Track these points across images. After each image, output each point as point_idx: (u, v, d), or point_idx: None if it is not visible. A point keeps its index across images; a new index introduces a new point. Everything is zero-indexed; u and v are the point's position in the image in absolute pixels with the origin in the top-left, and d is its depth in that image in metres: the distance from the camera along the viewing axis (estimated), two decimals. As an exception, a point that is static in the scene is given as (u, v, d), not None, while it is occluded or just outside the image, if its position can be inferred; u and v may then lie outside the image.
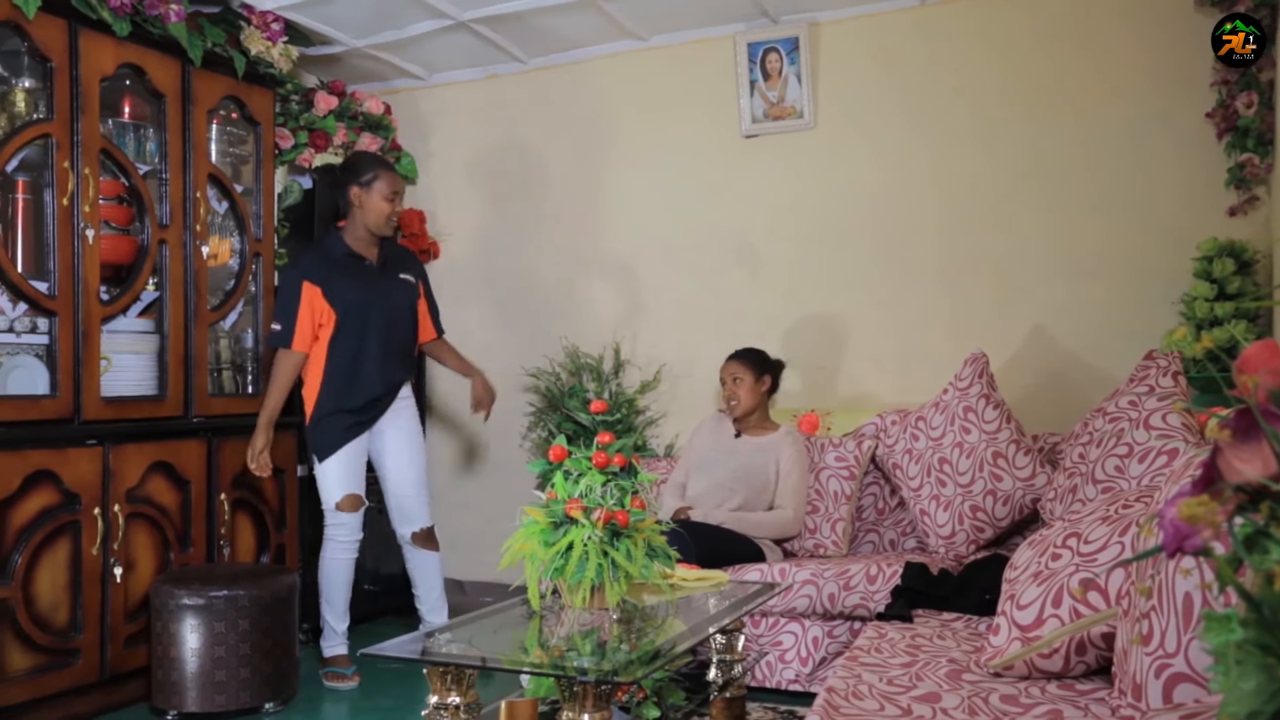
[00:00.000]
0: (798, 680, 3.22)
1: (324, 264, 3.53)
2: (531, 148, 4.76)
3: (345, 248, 3.56)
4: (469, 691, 1.95)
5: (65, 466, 3.09)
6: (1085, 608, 1.79)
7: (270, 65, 3.89)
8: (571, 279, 4.68)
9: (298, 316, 3.46)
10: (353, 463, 3.57)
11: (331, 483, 3.55)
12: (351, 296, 3.51)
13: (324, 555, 3.61)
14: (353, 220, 3.57)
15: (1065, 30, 3.85)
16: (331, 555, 3.59)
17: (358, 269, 3.56)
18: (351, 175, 3.54)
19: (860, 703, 1.82)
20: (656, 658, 1.94)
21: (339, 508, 3.55)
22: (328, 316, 3.49)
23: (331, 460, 3.53)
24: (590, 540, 2.14)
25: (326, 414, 3.51)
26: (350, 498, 3.56)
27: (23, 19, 3.02)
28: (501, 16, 4.15)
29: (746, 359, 3.69)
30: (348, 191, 3.54)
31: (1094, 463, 2.83)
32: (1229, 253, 3.45)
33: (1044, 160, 3.88)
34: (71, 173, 3.19)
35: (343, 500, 3.55)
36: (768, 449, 3.58)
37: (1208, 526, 0.73)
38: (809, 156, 4.24)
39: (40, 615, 3.02)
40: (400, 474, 3.66)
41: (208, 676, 3.05)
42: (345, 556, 3.59)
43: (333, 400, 3.51)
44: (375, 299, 3.55)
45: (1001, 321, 3.92)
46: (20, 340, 3.17)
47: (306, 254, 3.64)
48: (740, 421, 3.68)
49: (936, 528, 3.44)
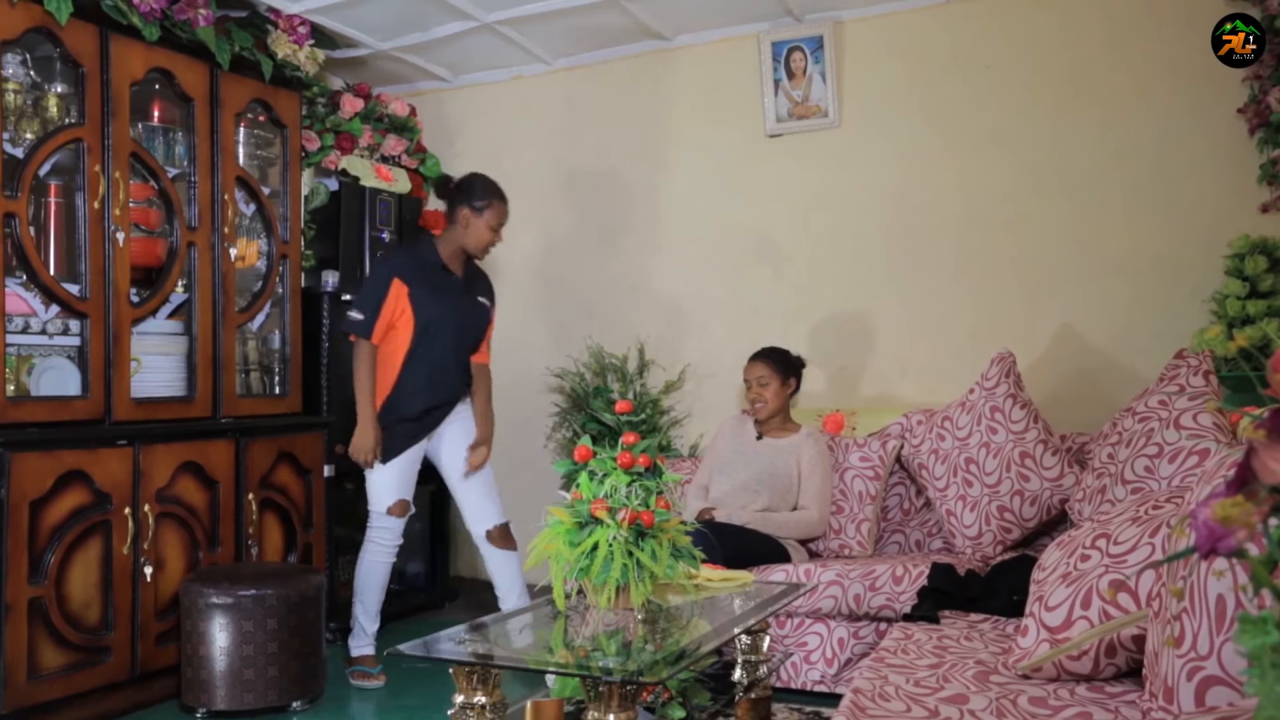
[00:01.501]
0: (823, 681, 3.21)
1: (417, 267, 3.56)
2: (556, 149, 4.77)
3: (437, 257, 3.59)
4: (495, 691, 1.96)
5: (96, 467, 3.13)
6: (1115, 609, 1.78)
7: (297, 68, 3.92)
8: (596, 279, 4.68)
9: (381, 309, 3.49)
10: (407, 469, 3.59)
11: (385, 487, 3.57)
12: (434, 309, 3.53)
13: (364, 556, 3.63)
14: (451, 234, 3.59)
15: (1092, 27, 3.82)
16: (372, 557, 3.61)
17: (444, 281, 3.59)
18: (466, 196, 3.55)
19: (887, 704, 1.82)
20: (681, 658, 1.94)
21: (389, 513, 3.57)
22: (405, 319, 3.51)
23: (389, 465, 3.55)
24: (615, 540, 2.14)
25: (391, 421, 3.54)
26: (400, 503, 3.58)
27: (55, 25, 3.07)
28: (526, 18, 4.17)
29: (772, 361, 3.65)
30: (458, 209, 3.56)
31: (1123, 463, 2.80)
32: (1261, 250, 3.41)
33: (1071, 158, 3.85)
34: (102, 176, 3.23)
35: (394, 506, 3.57)
36: (789, 450, 3.57)
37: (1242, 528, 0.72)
38: (833, 155, 4.23)
39: (72, 613, 3.06)
40: (462, 472, 3.67)
41: (236, 675, 3.07)
42: (385, 559, 3.62)
43: (399, 408, 3.53)
44: (454, 314, 3.58)
45: (1028, 321, 3.89)
46: (52, 342, 3.21)
47: (401, 252, 3.72)
48: (762, 423, 3.67)
49: (963, 528, 3.42)
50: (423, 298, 3.52)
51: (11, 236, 3.04)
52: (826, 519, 3.53)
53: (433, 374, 3.54)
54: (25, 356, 3.18)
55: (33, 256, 3.08)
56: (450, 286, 3.60)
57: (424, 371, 3.53)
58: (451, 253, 3.61)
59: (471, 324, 3.66)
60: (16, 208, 3.03)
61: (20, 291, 3.11)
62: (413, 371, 3.53)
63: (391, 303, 3.50)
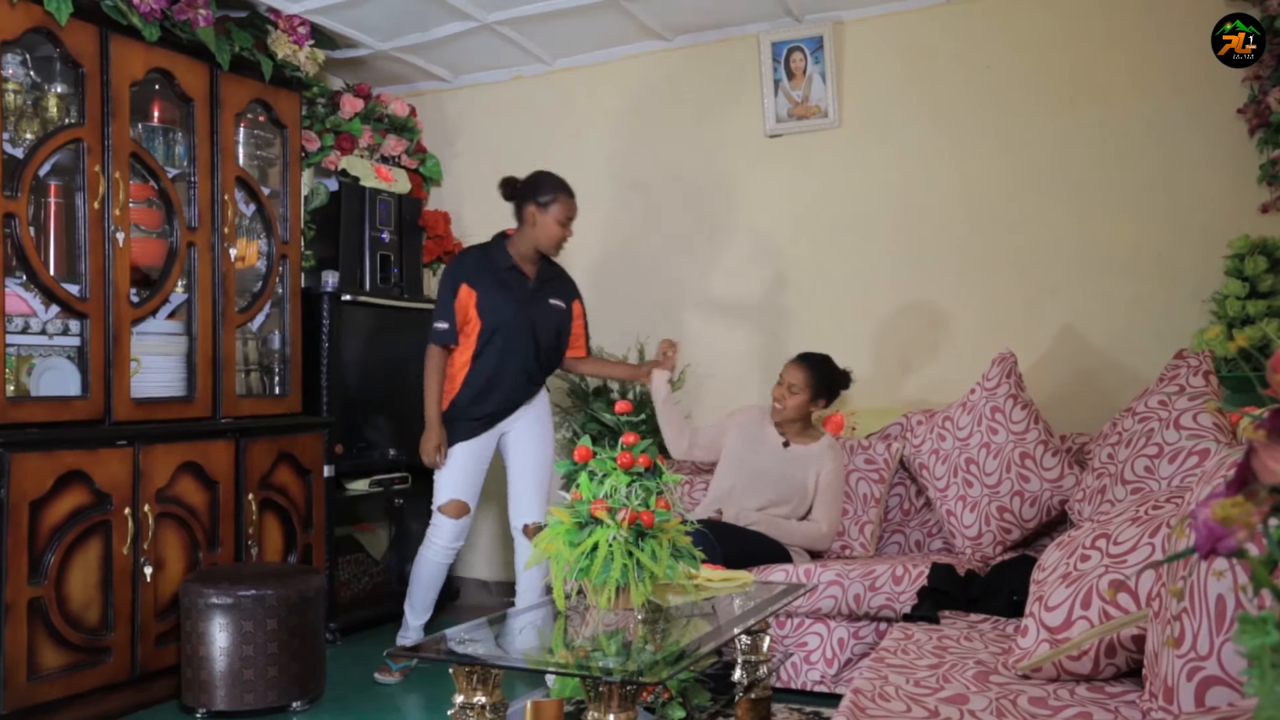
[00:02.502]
0: (823, 681, 3.21)
1: (485, 270, 3.55)
2: (556, 149, 4.77)
3: (509, 259, 3.57)
4: (495, 691, 1.96)
5: (96, 467, 3.13)
6: (1115, 609, 1.78)
7: (297, 69, 3.92)
8: (596, 279, 4.68)
9: (455, 314, 3.51)
10: (468, 470, 3.58)
11: (445, 482, 3.58)
12: (503, 313, 3.52)
13: (420, 552, 3.64)
14: (521, 235, 3.58)
15: (1092, 27, 3.82)
16: (426, 556, 3.62)
17: (515, 283, 3.57)
18: (531, 193, 3.54)
19: (887, 704, 1.81)
20: (681, 658, 1.94)
21: (441, 510, 3.57)
22: (473, 324, 3.53)
23: (449, 463, 3.55)
24: (615, 541, 2.14)
25: (455, 418, 3.55)
26: (455, 503, 3.57)
27: (55, 25, 3.07)
28: (526, 18, 4.16)
29: (812, 374, 3.53)
30: (524, 207, 3.55)
31: (1123, 463, 2.80)
32: (1261, 250, 3.41)
33: (1071, 158, 3.85)
34: (102, 177, 3.23)
35: (447, 504, 3.57)
36: (809, 460, 3.52)
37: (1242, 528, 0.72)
38: (833, 155, 4.23)
39: (72, 614, 3.05)
40: (520, 464, 3.66)
41: (236, 675, 3.07)
42: (439, 560, 3.61)
43: (465, 408, 3.55)
44: (524, 318, 3.56)
45: (1029, 321, 3.89)
46: (52, 342, 3.21)
47: (469, 255, 3.65)
48: (784, 427, 3.60)
49: (963, 529, 3.42)
50: (489, 302, 3.52)
51: (11, 237, 3.04)
52: (834, 536, 3.51)
53: (493, 378, 3.54)
54: (25, 357, 3.18)
55: (33, 257, 3.08)
56: (521, 290, 3.58)
57: (484, 375, 3.53)
58: (523, 254, 3.58)
59: (546, 326, 3.63)
60: (16, 208, 3.03)
61: (20, 292, 3.11)
62: (475, 375, 3.54)
63: (461, 306, 3.51)
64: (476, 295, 3.51)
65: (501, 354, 3.54)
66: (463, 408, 3.55)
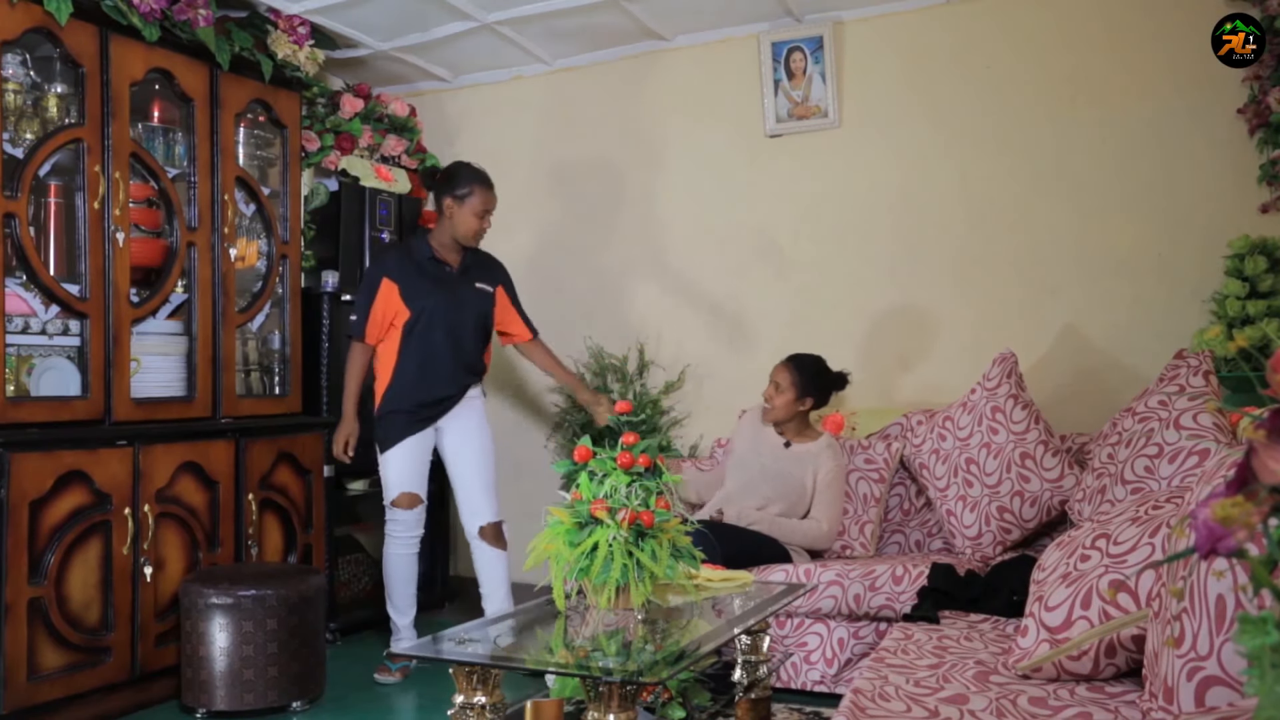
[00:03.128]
0: (823, 681, 3.21)
1: (407, 264, 3.61)
2: (556, 149, 4.77)
3: (430, 251, 3.63)
4: (495, 691, 1.96)
5: (96, 467, 3.13)
6: (1115, 609, 1.78)
7: (297, 69, 3.92)
8: (596, 279, 4.68)
9: (371, 310, 3.55)
10: (413, 460, 3.61)
11: (391, 478, 3.61)
12: (427, 299, 3.57)
13: (385, 550, 3.68)
14: (441, 227, 3.64)
15: (1092, 27, 3.82)
16: (392, 551, 3.65)
17: (437, 273, 3.62)
18: (448, 186, 3.58)
19: (887, 704, 1.81)
20: (681, 658, 1.94)
21: (394, 504, 3.61)
22: (401, 315, 3.57)
23: (392, 453, 3.58)
24: (615, 541, 2.14)
25: (391, 410, 3.58)
26: (406, 495, 3.61)
27: (55, 25, 3.07)
28: (526, 18, 4.16)
29: (796, 373, 3.57)
30: (442, 199, 3.60)
31: (1123, 463, 2.80)
32: (1261, 250, 3.41)
33: (1071, 158, 3.84)
34: (102, 177, 3.23)
35: (399, 497, 3.60)
36: (807, 459, 3.53)
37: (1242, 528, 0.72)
38: (833, 156, 4.22)
39: (72, 614, 3.05)
40: (464, 467, 3.68)
41: (236, 675, 3.07)
42: (403, 552, 3.64)
43: (399, 398, 3.58)
44: (450, 304, 3.60)
45: (1029, 321, 3.89)
46: (52, 342, 3.21)
47: (392, 252, 3.75)
48: (782, 426, 3.62)
49: (963, 529, 3.42)
50: (413, 293, 3.56)
51: (11, 236, 3.04)
52: (835, 535, 3.51)
53: (424, 366, 3.57)
54: (25, 357, 3.18)
55: (33, 257, 3.08)
56: (444, 278, 3.62)
57: (415, 365, 3.57)
58: (443, 244, 3.64)
59: (472, 310, 3.66)
60: (16, 208, 3.03)
61: (20, 292, 3.11)
62: (405, 365, 3.58)
63: (383, 302, 3.56)
64: (399, 287, 3.56)
65: (431, 340, 3.57)
66: (400, 399, 3.57)
